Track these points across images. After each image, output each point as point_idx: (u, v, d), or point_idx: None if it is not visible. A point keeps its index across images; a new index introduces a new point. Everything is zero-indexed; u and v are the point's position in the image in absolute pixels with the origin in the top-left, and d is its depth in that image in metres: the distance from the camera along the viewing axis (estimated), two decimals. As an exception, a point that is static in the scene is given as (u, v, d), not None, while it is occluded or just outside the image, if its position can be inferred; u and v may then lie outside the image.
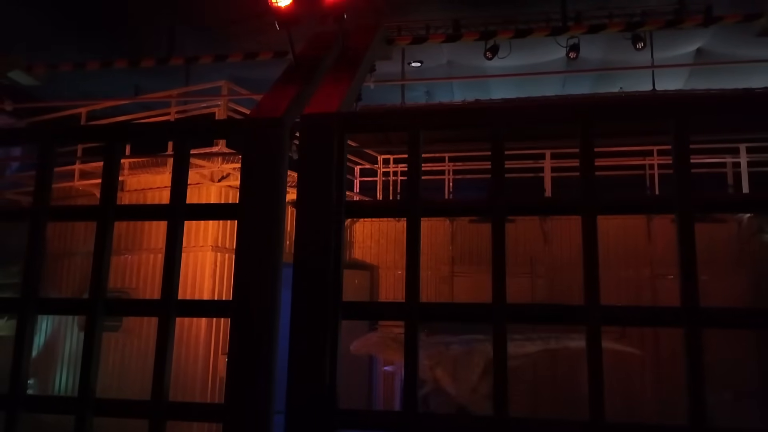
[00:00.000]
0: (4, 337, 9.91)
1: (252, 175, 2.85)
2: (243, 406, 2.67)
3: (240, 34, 12.53)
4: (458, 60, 13.29)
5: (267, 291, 2.76)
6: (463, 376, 8.76)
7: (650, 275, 10.21)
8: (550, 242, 11.05)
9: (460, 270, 11.34)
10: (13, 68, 3.78)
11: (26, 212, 3.05)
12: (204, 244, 9.33)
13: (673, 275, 10.36)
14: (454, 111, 2.64)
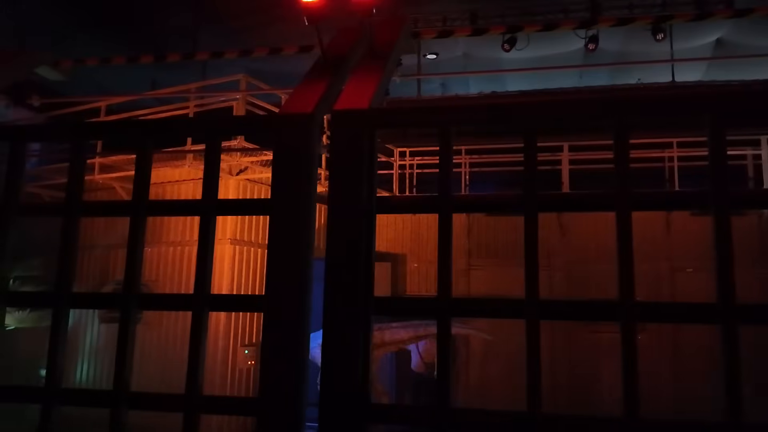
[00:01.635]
0: (27, 328, 10.03)
1: (283, 171, 2.86)
2: (276, 399, 2.69)
3: (254, 26, 12.56)
4: (474, 52, 13.22)
5: (298, 285, 2.78)
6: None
7: (669, 269, 10.14)
8: (567, 235, 11.00)
9: (476, 263, 11.32)
10: (41, 64, 3.82)
11: (59, 208, 3.08)
12: (222, 237, 9.39)
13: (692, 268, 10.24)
14: (486, 108, 2.63)
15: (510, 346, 10.18)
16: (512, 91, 12.96)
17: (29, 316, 10.15)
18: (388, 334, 9.51)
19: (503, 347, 10.42)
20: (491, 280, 10.88)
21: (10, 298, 3.02)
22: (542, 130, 2.64)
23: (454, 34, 4.39)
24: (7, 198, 3.05)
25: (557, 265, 10.75)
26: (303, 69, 9.81)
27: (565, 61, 13.23)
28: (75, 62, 4.08)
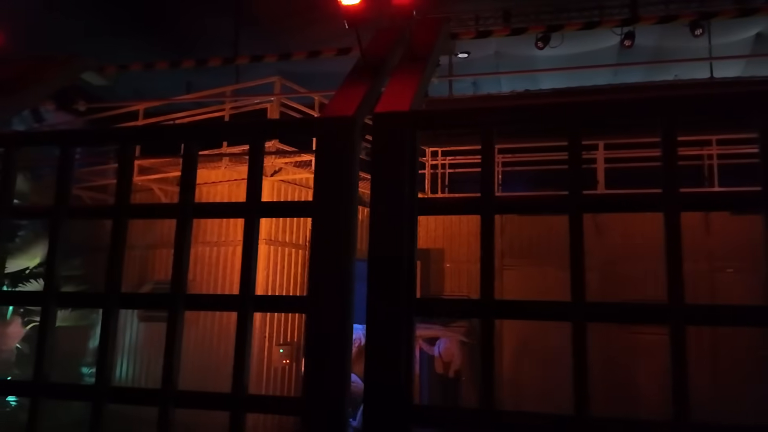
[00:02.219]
0: (68, 327, 10.29)
1: (325, 173, 2.89)
2: (319, 399, 2.72)
3: (286, 29, 12.68)
4: (506, 50, 13.11)
5: (340, 287, 2.80)
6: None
7: (709, 269, 9.91)
8: (602, 234, 10.84)
9: (509, 263, 11.23)
10: (87, 69, 3.93)
11: (108, 210, 3.16)
12: (264, 238, 9.49)
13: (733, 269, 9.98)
14: (530, 108, 2.61)
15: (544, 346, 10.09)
16: (546, 89, 12.82)
17: (71, 315, 10.42)
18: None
19: (537, 347, 10.33)
20: (525, 280, 10.78)
21: (61, 298, 3.10)
22: (587, 130, 2.61)
23: (493, 34, 4.36)
24: (58, 201, 3.14)
25: (593, 265, 10.56)
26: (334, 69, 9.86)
27: (600, 58, 13.03)
28: (119, 68, 4.17)
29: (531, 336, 10.60)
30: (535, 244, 11.23)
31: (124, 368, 10.54)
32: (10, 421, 8.14)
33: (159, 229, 10.15)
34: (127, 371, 10.51)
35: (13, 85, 3.70)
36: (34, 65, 3.89)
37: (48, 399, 3.01)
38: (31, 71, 3.82)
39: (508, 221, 11.19)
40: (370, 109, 3.10)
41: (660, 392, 8.84)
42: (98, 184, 10.83)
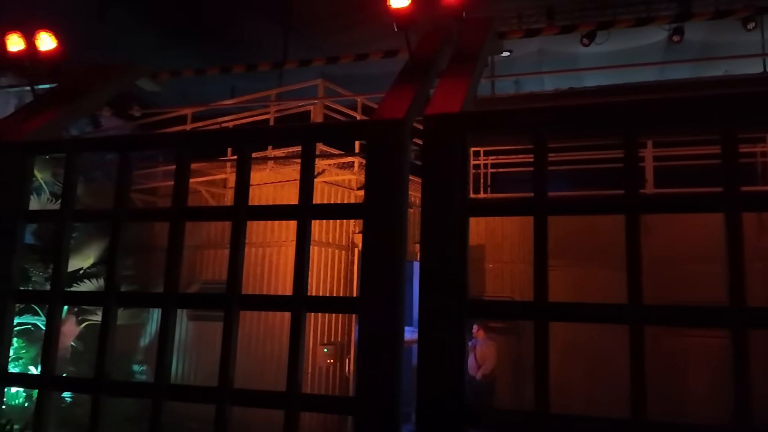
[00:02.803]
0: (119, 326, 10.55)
1: (376, 176, 2.91)
2: (372, 399, 2.74)
3: (327, 32, 12.78)
4: (549, 47, 12.92)
5: (392, 288, 2.82)
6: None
7: (762, 270, 9.56)
8: (649, 234, 10.57)
9: (554, 264, 11.02)
10: (141, 76, 4.05)
11: (166, 213, 3.25)
12: None
13: (789, 270, 9.48)
14: (585, 108, 2.58)
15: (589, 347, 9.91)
16: (590, 86, 12.57)
17: (122, 314, 10.71)
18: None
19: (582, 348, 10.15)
20: (570, 281, 10.60)
21: (122, 298, 3.21)
22: (643, 129, 2.57)
23: (543, 33, 4.32)
24: (118, 204, 3.25)
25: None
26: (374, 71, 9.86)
27: (646, 53, 12.72)
28: (171, 74, 4.29)
29: (575, 337, 10.42)
30: (580, 244, 11.01)
31: (174, 366, 10.79)
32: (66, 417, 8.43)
33: (205, 230, 10.38)
34: (177, 369, 10.76)
35: (74, 92, 3.85)
36: (92, 73, 4.03)
37: (109, 396, 3.12)
38: (89, 79, 3.96)
39: (552, 222, 10.98)
40: (419, 111, 3.11)
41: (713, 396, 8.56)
42: (148, 186, 11.13)
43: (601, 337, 9.31)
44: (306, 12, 12.20)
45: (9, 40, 4.08)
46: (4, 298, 3.33)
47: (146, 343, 11.00)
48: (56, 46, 3.89)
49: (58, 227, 3.31)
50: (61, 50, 4.02)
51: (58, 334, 3.23)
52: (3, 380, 3.35)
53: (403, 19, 3.20)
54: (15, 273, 3.39)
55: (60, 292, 3.26)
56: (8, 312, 3.36)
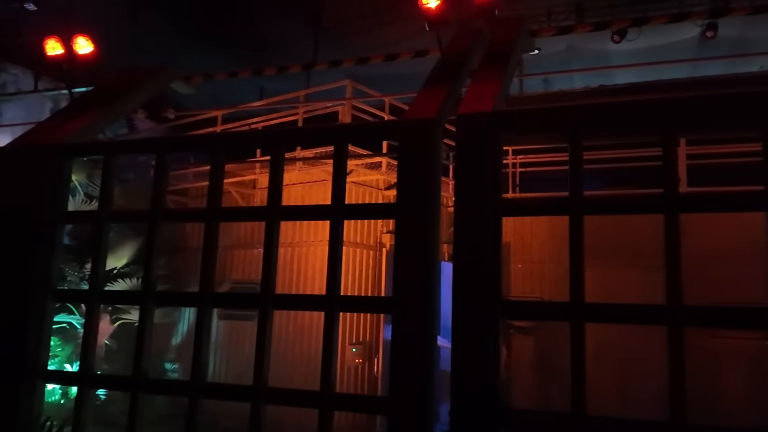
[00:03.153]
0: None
1: (409, 176, 2.91)
2: (406, 399, 2.74)
3: (354, 33, 12.81)
4: (578, 44, 12.73)
5: (425, 288, 2.81)
6: None
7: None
8: (685, 233, 10.34)
9: (586, 263, 10.89)
10: (175, 79, 4.12)
11: (201, 214, 3.30)
12: (324, 239, 9.61)
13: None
14: (621, 106, 2.54)
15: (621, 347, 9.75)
16: (621, 83, 12.37)
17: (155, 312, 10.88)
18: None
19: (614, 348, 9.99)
20: (601, 282, 10.43)
21: (158, 297, 3.26)
22: (681, 127, 2.52)
23: (575, 31, 4.27)
24: (154, 205, 3.31)
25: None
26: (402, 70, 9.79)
27: (678, 49, 12.46)
28: (204, 77, 4.35)
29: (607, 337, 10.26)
30: (612, 244, 10.83)
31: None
32: (99, 415, 8.59)
33: (235, 231, 10.48)
34: (208, 367, 10.88)
35: (110, 96, 3.92)
36: (128, 77, 4.11)
37: (146, 393, 3.18)
38: (125, 82, 4.04)
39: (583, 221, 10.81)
40: (451, 110, 3.10)
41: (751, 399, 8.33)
42: (179, 187, 11.29)
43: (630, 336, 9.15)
44: (333, 13, 12.24)
45: (48, 45, 4.18)
46: (43, 297, 3.41)
47: (178, 342, 11.15)
48: (93, 50, 3.98)
49: (96, 228, 3.38)
50: (97, 54, 4.10)
51: (97, 332, 3.29)
52: (44, 377, 3.43)
53: (435, 18, 3.19)
54: (54, 273, 3.47)
55: (98, 292, 3.33)
56: (48, 311, 3.44)
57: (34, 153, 3.51)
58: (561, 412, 2.45)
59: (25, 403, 3.31)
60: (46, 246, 3.43)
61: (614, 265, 10.19)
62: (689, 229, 8.52)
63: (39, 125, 4.01)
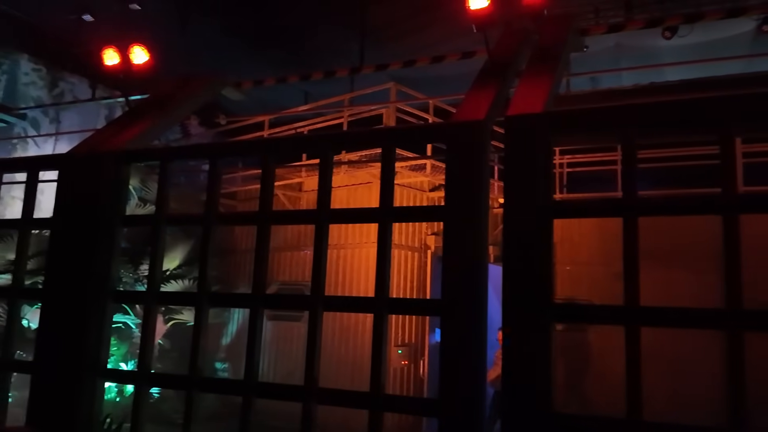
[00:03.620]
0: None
1: (457, 178, 2.91)
2: (456, 401, 2.74)
3: (398, 35, 12.85)
4: (627, 41, 12.43)
5: (474, 290, 2.81)
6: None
7: None
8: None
9: (635, 265, 10.60)
10: (226, 86, 4.23)
11: (252, 216, 3.37)
12: (368, 241, 9.69)
13: None
14: (676, 104, 2.48)
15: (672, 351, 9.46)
16: (673, 80, 12.02)
17: (205, 313, 11.13)
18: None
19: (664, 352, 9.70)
20: (653, 285, 10.15)
21: (212, 298, 3.35)
22: (738, 126, 2.45)
23: (626, 28, 4.19)
24: (208, 208, 3.40)
25: (714, 268, 9.74)
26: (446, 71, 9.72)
27: (733, 45, 12.04)
28: (254, 83, 4.44)
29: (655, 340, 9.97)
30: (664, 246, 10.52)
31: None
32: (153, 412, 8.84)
33: (281, 233, 10.66)
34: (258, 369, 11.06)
35: (165, 103, 4.05)
36: (182, 84, 4.24)
37: (202, 392, 3.26)
38: (179, 90, 4.16)
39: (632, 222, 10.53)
40: (500, 112, 3.09)
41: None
42: (228, 190, 11.54)
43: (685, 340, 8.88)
44: (377, 16, 12.31)
45: (105, 54, 4.35)
46: (103, 298, 3.55)
47: (227, 342, 11.39)
48: (148, 59, 4.12)
49: (153, 231, 3.49)
50: (152, 63, 4.24)
51: (154, 332, 3.40)
52: (104, 375, 3.56)
53: (482, 19, 3.18)
54: (113, 274, 3.61)
55: (155, 293, 3.44)
56: (107, 311, 3.58)
57: (95, 159, 3.65)
58: (615, 417, 2.41)
59: (86, 401, 3.45)
60: (105, 248, 3.57)
61: (665, 267, 9.91)
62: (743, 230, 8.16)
63: (98, 132, 4.18)
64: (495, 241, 7.93)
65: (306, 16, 12.59)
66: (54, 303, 3.61)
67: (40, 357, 3.58)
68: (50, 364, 3.54)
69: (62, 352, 3.53)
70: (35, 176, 3.91)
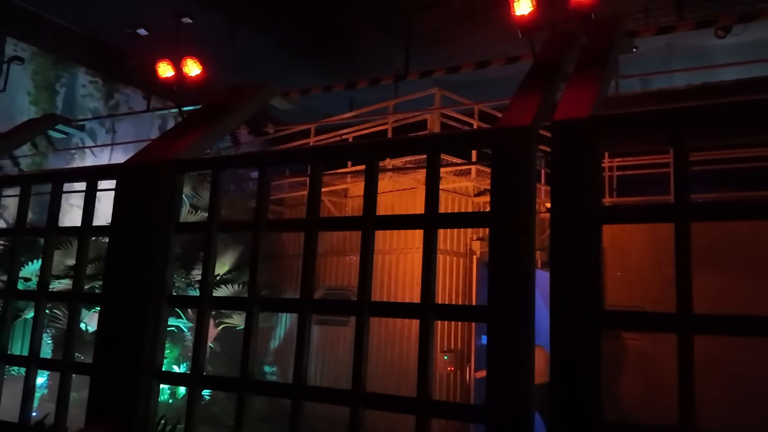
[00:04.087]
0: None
1: (503, 184, 2.90)
2: (503, 408, 2.73)
3: (443, 40, 12.85)
4: (678, 41, 12.10)
5: (521, 296, 2.79)
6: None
7: None
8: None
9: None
10: (275, 95, 4.34)
11: (300, 223, 3.44)
12: (412, 246, 9.70)
13: None
14: (735, 105, 2.41)
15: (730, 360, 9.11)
16: (727, 80, 11.63)
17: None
18: None
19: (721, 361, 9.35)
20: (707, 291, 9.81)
21: (262, 302, 3.43)
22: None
23: (677, 29, 4.09)
24: (258, 215, 3.49)
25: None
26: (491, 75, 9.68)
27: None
28: (301, 91, 4.54)
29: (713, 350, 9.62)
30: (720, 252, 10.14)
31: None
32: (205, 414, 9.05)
33: (328, 238, 10.78)
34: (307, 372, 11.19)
35: (217, 113, 4.18)
36: (232, 94, 4.36)
37: (252, 394, 3.34)
38: (230, 100, 4.29)
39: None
40: (546, 116, 3.07)
41: None
42: (276, 197, 11.76)
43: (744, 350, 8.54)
44: (422, 22, 12.35)
45: (160, 67, 4.52)
46: (159, 302, 3.67)
47: (275, 346, 11.57)
48: (200, 71, 4.26)
49: (206, 237, 3.60)
50: (204, 74, 4.39)
51: (207, 335, 3.51)
52: (159, 377, 3.69)
53: (527, 24, 3.18)
54: (168, 279, 3.74)
55: (208, 297, 3.55)
56: (162, 315, 3.70)
57: (150, 168, 3.80)
58: (669, 426, 2.35)
59: (142, 402, 3.57)
60: (160, 254, 3.70)
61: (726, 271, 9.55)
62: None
63: (153, 142, 4.34)
64: (542, 246, 7.83)
65: (352, 24, 12.75)
66: (111, 307, 3.77)
67: (98, 359, 3.74)
68: (108, 366, 3.69)
69: (119, 354, 3.67)
70: (94, 185, 4.09)
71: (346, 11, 12.00)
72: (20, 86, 10.47)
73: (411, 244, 9.88)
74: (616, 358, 9.69)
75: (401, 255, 10.02)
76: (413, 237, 9.82)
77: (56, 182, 4.24)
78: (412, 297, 9.43)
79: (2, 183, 4.66)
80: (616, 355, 9.68)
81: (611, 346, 9.71)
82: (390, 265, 10.07)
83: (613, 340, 9.77)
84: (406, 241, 9.98)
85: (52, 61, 11.05)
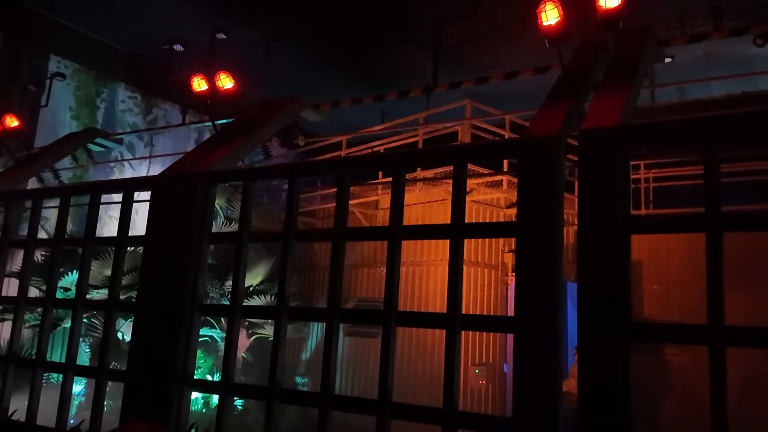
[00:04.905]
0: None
1: (530, 194, 2.89)
2: (531, 420, 2.70)
3: (473, 52, 12.86)
4: (717, 50, 11.88)
5: (549, 308, 2.77)
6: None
7: None
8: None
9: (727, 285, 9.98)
10: (305, 108, 4.42)
11: (329, 234, 3.48)
12: (436, 258, 9.65)
13: None
14: (757, 116, 2.37)
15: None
16: (767, 89, 11.36)
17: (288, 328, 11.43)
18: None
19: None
20: (745, 305, 9.49)
21: (291, 312, 3.47)
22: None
23: (710, 38, 4.03)
24: (287, 226, 3.54)
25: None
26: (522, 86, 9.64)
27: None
28: (332, 104, 4.60)
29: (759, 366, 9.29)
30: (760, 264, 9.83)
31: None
32: (237, 424, 9.13)
33: (359, 250, 10.82)
34: (336, 382, 11.21)
35: (250, 126, 4.27)
36: (265, 108, 4.45)
37: (282, 403, 3.38)
38: (262, 113, 4.38)
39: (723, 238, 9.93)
40: (574, 126, 3.05)
41: None
42: (308, 209, 11.88)
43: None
44: (452, 34, 12.40)
45: (194, 82, 4.64)
46: (191, 311, 3.75)
47: (307, 357, 11.63)
48: (233, 85, 4.36)
49: (237, 248, 3.67)
50: (237, 89, 4.49)
51: (237, 343, 3.56)
52: (191, 385, 3.75)
53: (554, 34, 3.17)
54: (201, 289, 3.82)
55: (238, 306, 3.61)
56: (195, 324, 3.78)
57: (184, 180, 3.90)
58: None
59: (175, 409, 3.64)
60: (194, 264, 3.78)
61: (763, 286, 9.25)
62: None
63: (188, 155, 4.45)
64: (573, 258, 7.72)
65: (383, 38, 12.87)
66: (145, 315, 3.86)
67: (132, 366, 3.83)
68: (141, 373, 3.78)
69: (152, 361, 3.76)
70: (130, 197, 4.21)
71: (379, 25, 12.13)
72: (62, 102, 10.84)
73: (442, 255, 9.84)
74: (655, 374, 9.45)
75: (431, 267, 10.00)
76: (443, 249, 9.78)
77: (94, 193, 4.37)
78: (442, 309, 9.32)
79: (43, 195, 4.83)
80: (655, 371, 9.45)
81: (649, 362, 9.48)
82: (420, 277, 10.05)
83: (651, 356, 9.54)
84: (437, 253, 9.96)
85: (93, 77, 11.42)
